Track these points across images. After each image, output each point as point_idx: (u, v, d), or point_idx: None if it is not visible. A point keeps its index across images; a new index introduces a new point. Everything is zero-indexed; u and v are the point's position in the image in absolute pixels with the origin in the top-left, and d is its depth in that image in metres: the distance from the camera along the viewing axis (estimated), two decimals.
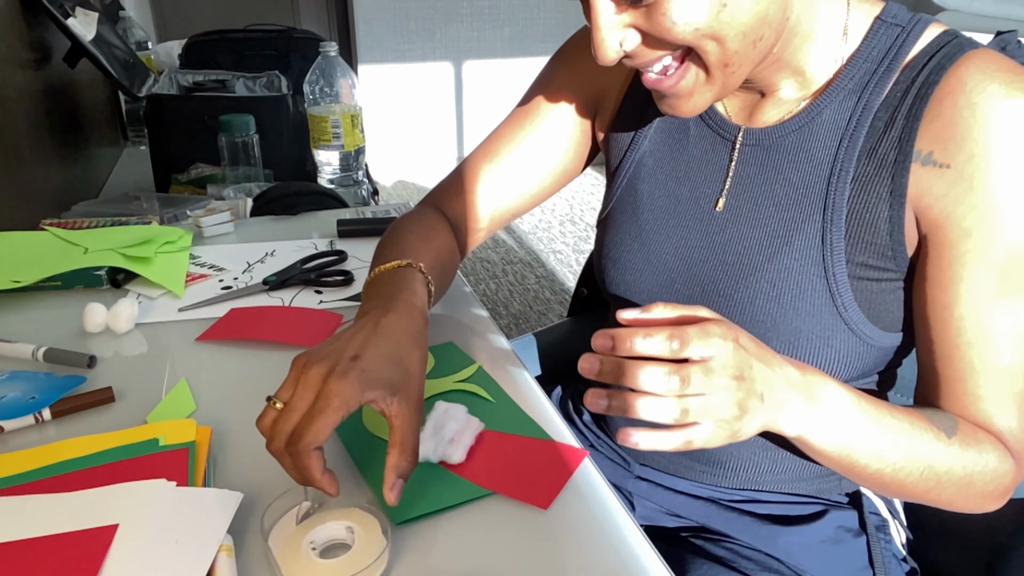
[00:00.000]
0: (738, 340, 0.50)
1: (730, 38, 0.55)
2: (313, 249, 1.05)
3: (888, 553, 0.74)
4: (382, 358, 0.55)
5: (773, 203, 0.65)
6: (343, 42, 3.83)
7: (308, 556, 0.50)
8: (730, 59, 0.56)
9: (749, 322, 0.65)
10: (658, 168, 0.73)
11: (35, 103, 1.23)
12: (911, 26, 0.62)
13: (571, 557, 0.53)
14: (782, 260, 0.64)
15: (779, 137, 0.65)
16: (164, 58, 2.00)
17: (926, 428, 0.58)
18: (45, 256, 0.95)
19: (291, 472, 0.52)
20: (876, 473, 0.58)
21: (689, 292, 0.70)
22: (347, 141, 1.36)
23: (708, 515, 0.75)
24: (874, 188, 0.61)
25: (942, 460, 0.57)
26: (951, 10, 3.03)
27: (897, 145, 0.59)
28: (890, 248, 0.61)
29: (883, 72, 0.61)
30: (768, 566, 0.70)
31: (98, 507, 0.54)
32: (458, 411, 0.64)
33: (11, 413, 0.66)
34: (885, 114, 0.61)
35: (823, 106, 0.63)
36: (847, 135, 0.62)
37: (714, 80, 0.58)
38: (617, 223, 0.75)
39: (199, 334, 0.82)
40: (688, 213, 0.70)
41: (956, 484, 0.58)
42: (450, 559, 0.53)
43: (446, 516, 0.57)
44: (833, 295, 0.62)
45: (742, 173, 0.67)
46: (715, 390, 0.48)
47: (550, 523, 0.56)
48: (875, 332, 0.64)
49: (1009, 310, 0.57)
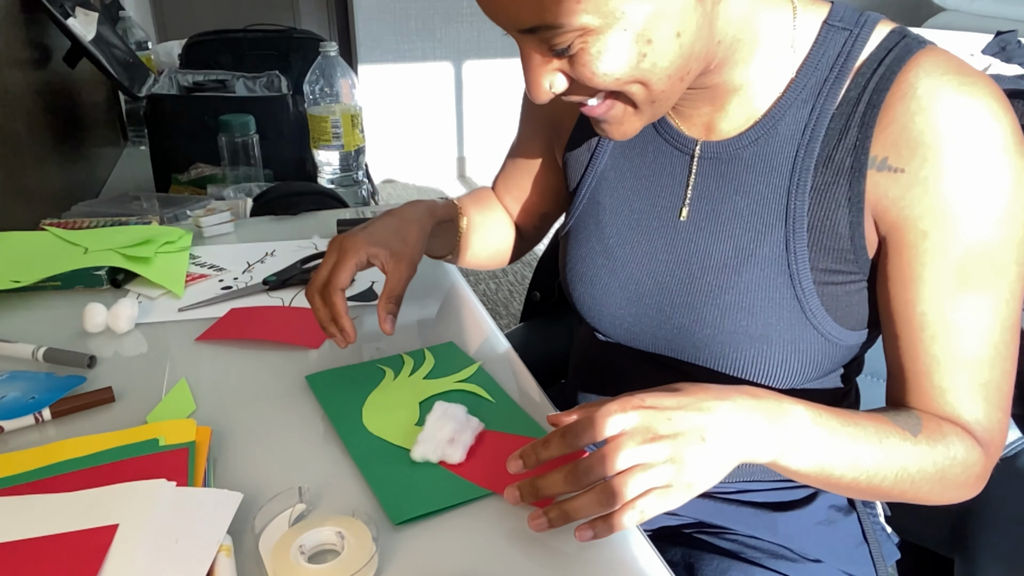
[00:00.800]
0: (642, 404, 0.51)
1: (654, 81, 0.56)
2: (313, 249, 1.05)
3: (878, 527, 0.76)
4: (385, 229, 0.73)
5: (735, 215, 0.66)
6: (343, 42, 3.83)
7: (296, 560, 0.50)
8: (656, 97, 0.57)
9: (720, 333, 0.66)
10: (619, 182, 0.73)
11: (35, 103, 1.23)
12: (859, 28, 0.61)
13: (570, 557, 0.53)
14: (748, 271, 0.64)
15: (736, 149, 0.65)
16: (164, 58, 2.00)
17: (892, 431, 0.58)
18: (45, 256, 0.95)
19: (320, 312, 0.71)
20: (852, 482, 0.57)
21: (658, 306, 0.70)
22: (347, 141, 1.36)
23: (705, 510, 0.76)
24: (833, 195, 0.61)
25: (913, 459, 0.58)
26: (951, 10, 3.03)
27: (853, 152, 0.60)
28: (852, 252, 0.62)
29: (834, 79, 0.61)
30: (774, 552, 0.72)
31: (98, 507, 0.54)
32: (458, 411, 0.64)
33: (11, 413, 0.66)
34: (839, 122, 0.61)
35: (778, 117, 0.63)
36: (803, 144, 0.62)
37: (642, 112, 0.59)
38: (581, 238, 0.75)
39: (199, 334, 0.82)
40: (652, 225, 0.70)
41: (930, 481, 0.59)
42: (449, 559, 0.53)
43: (445, 516, 0.57)
44: (800, 302, 0.63)
45: (702, 186, 0.68)
46: (633, 460, 0.50)
47: None
48: (842, 332, 0.65)
49: (969, 304, 0.58)
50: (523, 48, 0.57)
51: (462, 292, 0.94)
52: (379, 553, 0.52)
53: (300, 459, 0.63)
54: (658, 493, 0.50)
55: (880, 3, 3.66)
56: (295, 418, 0.68)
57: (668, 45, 0.54)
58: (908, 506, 0.79)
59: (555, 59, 0.56)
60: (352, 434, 0.65)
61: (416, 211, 0.78)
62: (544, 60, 0.56)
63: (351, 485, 0.60)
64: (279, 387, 0.73)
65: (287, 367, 0.77)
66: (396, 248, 0.72)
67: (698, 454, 0.51)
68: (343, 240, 0.71)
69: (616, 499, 0.49)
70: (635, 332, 0.72)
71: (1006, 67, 0.89)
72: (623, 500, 0.49)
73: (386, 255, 0.71)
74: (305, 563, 0.50)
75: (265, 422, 0.68)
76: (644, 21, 0.52)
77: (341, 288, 0.69)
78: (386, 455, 0.63)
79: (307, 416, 0.69)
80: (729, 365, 0.66)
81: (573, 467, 0.51)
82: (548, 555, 0.53)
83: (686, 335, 0.68)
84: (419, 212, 0.78)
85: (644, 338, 0.72)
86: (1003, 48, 0.92)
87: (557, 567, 0.53)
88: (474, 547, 0.54)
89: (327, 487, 0.59)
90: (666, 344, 0.70)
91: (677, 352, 0.70)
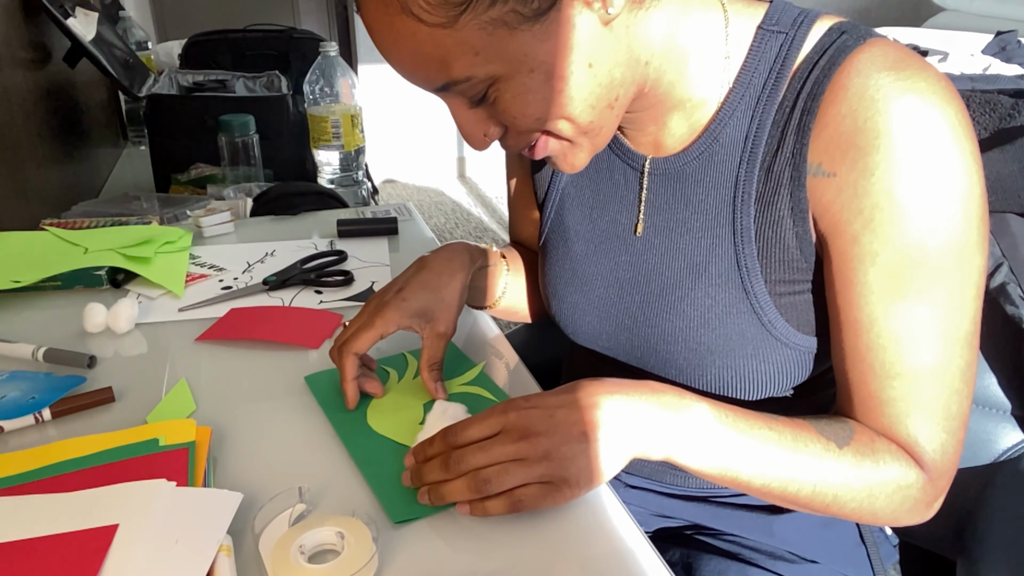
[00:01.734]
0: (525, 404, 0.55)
1: (577, 114, 0.55)
2: (313, 249, 1.05)
3: (875, 528, 0.75)
4: (422, 291, 0.69)
5: (686, 230, 0.64)
6: (343, 42, 3.83)
7: (296, 560, 0.50)
8: (587, 129, 0.57)
9: (683, 349, 0.65)
10: (579, 198, 0.72)
11: (35, 103, 1.23)
12: (794, 30, 0.58)
13: (570, 557, 0.53)
14: (703, 287, 0.63)
15: (682, 164, 0.64)
16: (164, 58, 2.00)
17: (812, 439, 0.56)
18: (45, 256, 0.95)
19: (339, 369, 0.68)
20: (763, 487, 0.56)
21: (624, 322, 0.69)
22: (347, 141, 1.36)
23: (701, 513, 0.76)
24: (776, 207, 0.59)
25: (833, 472, 0.55)
26: (951, 10, 3.03)
27: (791, 161, 0.58)
28: (803, 261, 0.60)
29: (772, 86, 0.59)
30: (772, 553, 0.72)
31: (98, 507, 0.54)
32: (458, 410, 0.65)
33: (11, 413, 0.66)
34: (777, 131, 0.59)
35: (719, 129, 0.61)
36: (745, 157, 0.60)
37: (580, 145, 0.59)
38: (551, 255, 0.75)
39: (199, 334, 0.82)
40: (611, 241, 0.70)
41: (856, 498, 0.56)
42: (449, 559, 0.53)
43: (445, 516, 0.57)
44: (758, 314, 0.61)
45: (653, 201, 0.67)
46: (506, 456, 0.53)
47: (549, 523, 0.56)
48: (807, 341, 0.63)
49: (904, 312, 0.55)
50: (449, 104, 0.57)
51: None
52: (379, 553, 0.52)
53: (300, 459, 0.63)
54: (539, 488, 0.53)
55: (880, 3, 3.66)
56: (295, 418, 0.68)
57: (581, 78, 0.53)
58: None
59: (481, 109, 0.56)
60: (352, 434, 0.65)
61: (453, 263, 0.72)
62: (470, 112, 0.57)
63: (351, 485, 0.60)
64: (279, 387, 0.73)
65: (287, 367, 0.77)
66: (433, 315, 0.69)
67: (576, 451, 0.53)
68: (377, 307, 0.68)
69: (485, 487, 0.53)
70: (610, 346, 0.72)
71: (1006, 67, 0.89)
72: (493, 489, 0.53)
73: (421, 324, 0.69)
74: (305, 563, 0.50)
75: (265, 422, 0.68)
76: (549, 59, 0.52)
77: (355, 353, 0.67)
78: (386, 455, 0.63)
79: (307, 416, 0.69)
80: (697, 379, 0.65)
81: (447, 457, 0.55)
82: (547, 555, 0.53)
83: (653, 350, 0.68)
84: (457, 264, 0.73)
85: (619, 351, 0.71)
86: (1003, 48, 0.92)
87: (556, 567, 0.53)
88: (474, 547, 0.54)
89: (327, 487, 0.59)
90: (639, 358, 0.70)
91: (650, 366, 0.69)
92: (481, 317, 0.88)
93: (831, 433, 0.57)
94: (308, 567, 0.50)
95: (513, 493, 0.53)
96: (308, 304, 0.90)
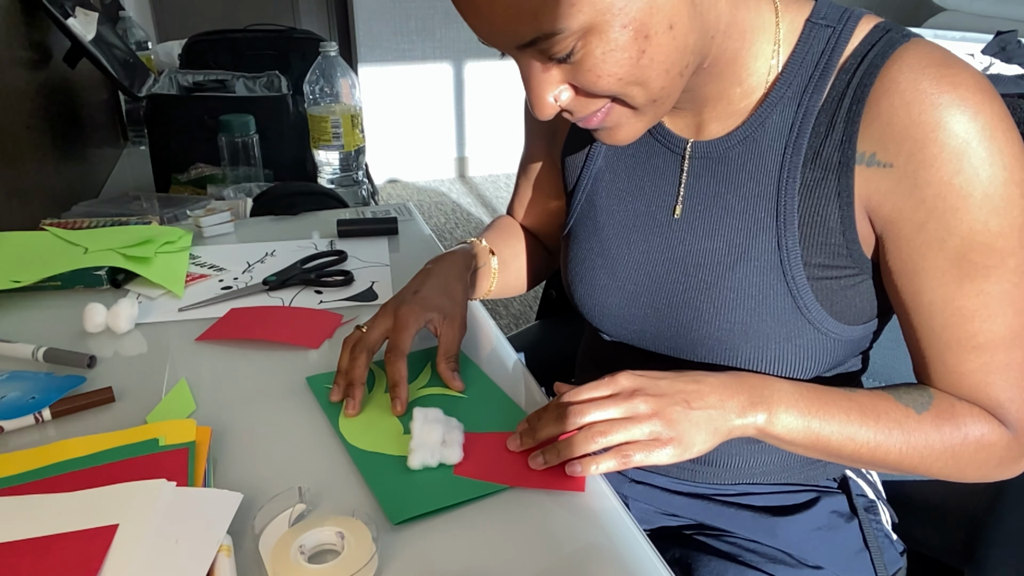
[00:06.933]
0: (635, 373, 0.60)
1: (652, 79, 0.55)
2: (313, 249, 1.05)
3: (880, 534, 0.76)
4: (435, 291, 0.75)
5: (728, 213, 0.66)
6: (343, 42, 3.83)
7: (296, 560, 0.50)
8: (656, 96, 0.57)
9: (716, 330, 0.66)
10: (614, 182, 0.73)
11: (35, 103, 1.23)
12: (842, 25, 0.61)
13: (570, 557, 0.53)
14: (742, 269, 0.65)
15: (726, 149, 0.66)
16: (164, 58, 2.00)
17: (891, 407, 0.61)
18: (45, 256, 0.95)
19: (355, 372, 0.69)
20: (854, 454, 0.61)
21: (656, 304, 0.70)
22: (347, 141, 1.36)
23: (705, 512, 0.76)
24: (822, 192, 0.62)
25: (915, 436, 0.60)
26: (951, 10, 3.03)
27: (840, 148, 0.60)
28: (844, 247, 0.62)
29: (819, 76, 0.61)
30: (773, 557, 0.72)
31: (98, 507, 0.54)
32: (437, 414, 0.63)
33: (11, 413, 0.66)
34: (825, 119, 0.61)
35: (765, 115, 0.64)
36: (791, 142, 0.63)
37: (644, 113, 0.59)
38: (579, 238, 0.76)
39: (199, 334, 0.82)
40: (647, 224, 0.71)
41: (941, 458, 0.61)
42: (449, 559, 0.53)
43: (445, 516, 0.57)
44: (795, 298, 0.64)
45: (694, 185, 0.68)
46: (619, 412, 0.58)
47: (549, 523, 0.56)
48: (839, 327, 0.65)
49: (974, 291, 0.59)
50: (523, 65, 0.56)
51: None
52: (379, 553, 0.52)
53: (300, 459, 0.63)
54: (645, 444, 0.57)
55: (880, 3, 3.66)
56: (295, 418, 0.68)
57: (663, 38, 0.54)
58: (919, 514, 0.79)
59: (557, 70, 0.56)
60: (354, 434, 0.65)
61: (456, 268, 0.80)
62: (546, 73, 0.56)
63: (351, 485, 0.60)
64: (279, 387, 0.73)
65: (287, 367, 0.77)
66: (448, 311, 0.74)
67: (683, 414, 0.58)
68: (397, 308, 0.72)
69: (599, 440, 0.57)
70: (636, 331, 0.72)
71: (1006, 67, 0.89)
72: (607, 443, 0.57)
73: (439, 319, 0.73)
74: (305, 563, 0.50)
75: (265, 422, 0.68)
76: (639, 15, 0.52)
77: (404, 351, 0.69)
78: (386, 455, 0.62)
79: (307, 416, 0.69)
80: (727, 361, 0.67)
81: (563, 412, 0.59)
82: (548, 555, 0.53)
83: (684, 332, 0.69)
84: (459, 268, 0.80)
85: (645, 336, 0.72)
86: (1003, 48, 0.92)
87: (557, 567, 0.53)
88: (474, 547, 0.54)
89: (327, 487, 0.59)
90: (666, 342, 0.71)
91: (678, 350, 0.70)
92: (480, 317, 0.88)
93: (909, 400, 0.62)
94: (308, 567, 0.50)
95: (621, 448, 0.57)
96: (308, 304, 0.90)
